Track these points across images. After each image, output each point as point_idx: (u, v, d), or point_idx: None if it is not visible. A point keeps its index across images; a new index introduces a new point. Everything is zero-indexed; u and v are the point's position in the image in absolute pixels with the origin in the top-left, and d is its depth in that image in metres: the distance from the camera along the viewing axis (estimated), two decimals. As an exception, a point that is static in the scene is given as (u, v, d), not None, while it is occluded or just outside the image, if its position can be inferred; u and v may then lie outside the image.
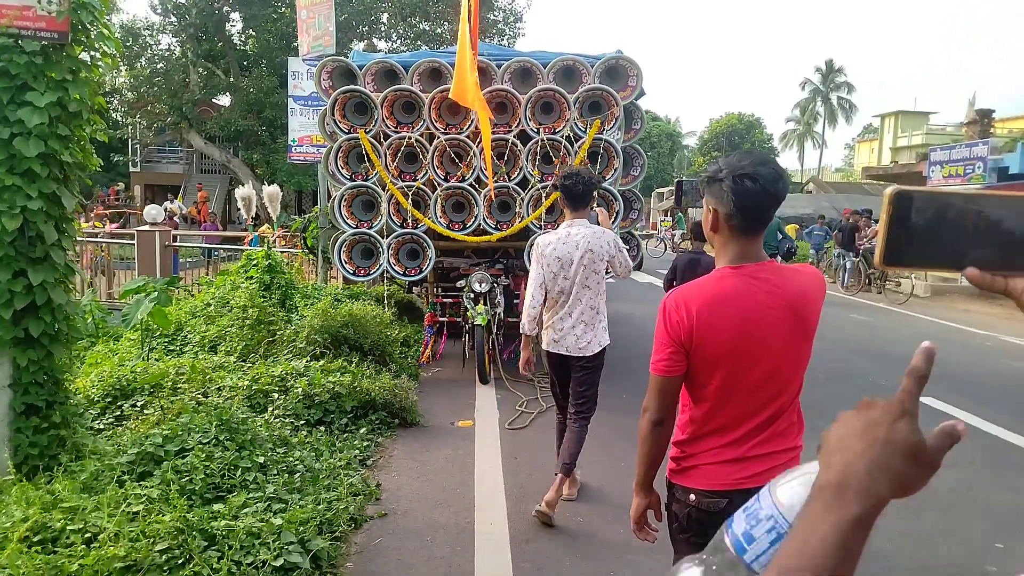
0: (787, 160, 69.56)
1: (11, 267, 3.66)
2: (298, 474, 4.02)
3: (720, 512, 1.90)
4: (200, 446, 3.85)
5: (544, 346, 4.14)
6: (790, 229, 28.53)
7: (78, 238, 4.66)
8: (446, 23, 25.63)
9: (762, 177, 1.83)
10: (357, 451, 4.83)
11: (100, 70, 4.03)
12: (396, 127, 7.09)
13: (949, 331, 10.76)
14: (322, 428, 5.10)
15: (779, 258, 10.79)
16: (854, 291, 15.22)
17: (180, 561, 2.92)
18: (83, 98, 3.85)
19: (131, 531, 2.97)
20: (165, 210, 14.80)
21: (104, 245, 12.12)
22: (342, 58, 7.86)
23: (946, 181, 17.72)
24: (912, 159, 33.00)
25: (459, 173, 7.10)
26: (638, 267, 8.93)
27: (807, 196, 36.63)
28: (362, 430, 5.21)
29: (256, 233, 14.45)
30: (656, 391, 1.96)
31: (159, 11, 25.52)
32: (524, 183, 7.08)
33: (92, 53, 3.96)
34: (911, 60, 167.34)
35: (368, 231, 7.10)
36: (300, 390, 5.27)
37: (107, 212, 19.35)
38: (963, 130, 24.57)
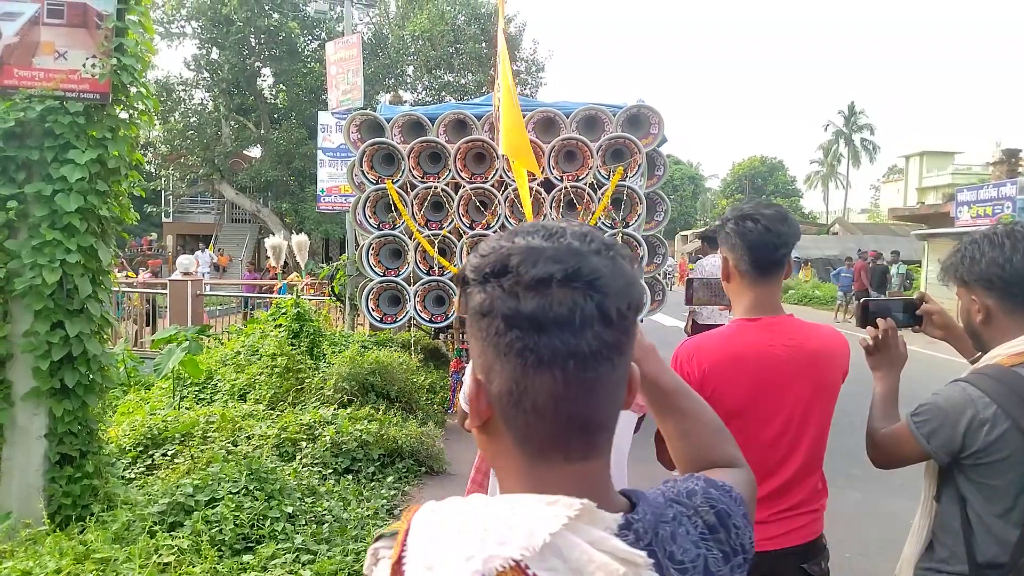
0: (812, 201, 69.39)
1: (49, 319, 3.75)
2: (326, 524, 4.00)
3: None
4: (230, 496, 3.86)
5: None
6: (806, 271, 28.37)
7: (113, 289, 4.78)
8: (469, 74, 26.23)
9: (764, 217, 1.82)
10: (384, 500, 4.81)
11: (138, 127, 4.19)
12: (422, 177, 7.23)
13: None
14: (350, 476, 5.09)
15: None
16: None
17: (209, 613, 2.91)
18: (122, 154, 3.98)
19: (161, 583, 2.98)
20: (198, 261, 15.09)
21: (136, 295, 12.37)
22: (370, 112, 8.07)
23: (975, 222, 17.49)
24: (938, 199, 32.70)
25: (484, 221, 7.19)
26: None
27: (833, 238, 36.43)
28: (389, 478, 5.19)
29: (284, 281, 14.66)
30: (659, 435, 1.97)
31: (192, 67, 26.45)
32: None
33: (131, 111, 4.11)
34: (935, 99, 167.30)
35: (395, 279, 7.18)
36: (328, 438, 5.29)
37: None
38: (989, 170, 24.34)
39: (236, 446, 5.11)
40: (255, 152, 28.96)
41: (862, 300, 1.96)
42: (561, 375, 0.70)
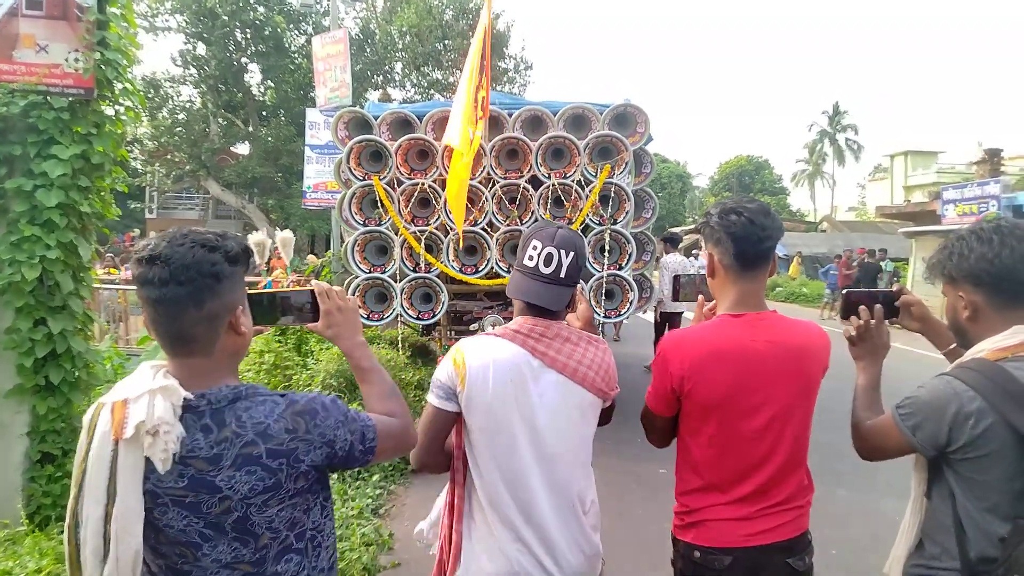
0: (799, 199, 69.83)
1: (32, 316, 3.71)
2: (311, 522, 3.98)
3: (724, 569, 1.85)
4: (214, 494, 3.83)
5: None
6: (794, 270, 28.49)
7: (95, 286, 4.73)
8: (458, 71, 26.10)
9: (747, 210, 1.86)
10: (370, 499, 4.79)
11: (124, 123, 4.14)
12: (410, 174, 7.19)
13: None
14: (335, 475, 5.07)
15: None
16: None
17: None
18: (106, 151, 3.94)
19: (144, 582, 2.94)
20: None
21: (120, 291, 12.25)
22: (358, 109, 8.02)
23: (961, 219, 17.65)
24: (924, 197, 33.01)
25: (471, 217, 7.16)
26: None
27: (822, 235, 36.65)
28: (375, 477, 5.17)
29: (269, 279, 14.55)
30: (645, 418, 2.03)
31: (179, 63, 26.20)
32: (536, 227, 7.14)
33: (116, 107, 4.07)
34: (918, 96, 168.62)
35: (381, 275, 7.14)
36: (314, 436, 5.25)
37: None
38: (972, 169, 24.58)
39: (221, 444, 5.07)
40: (243, 149, 28.73)
41: (845, 292, 1.97)
42: (153, 310, 1.32)
